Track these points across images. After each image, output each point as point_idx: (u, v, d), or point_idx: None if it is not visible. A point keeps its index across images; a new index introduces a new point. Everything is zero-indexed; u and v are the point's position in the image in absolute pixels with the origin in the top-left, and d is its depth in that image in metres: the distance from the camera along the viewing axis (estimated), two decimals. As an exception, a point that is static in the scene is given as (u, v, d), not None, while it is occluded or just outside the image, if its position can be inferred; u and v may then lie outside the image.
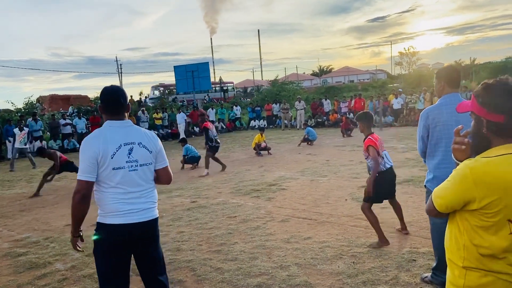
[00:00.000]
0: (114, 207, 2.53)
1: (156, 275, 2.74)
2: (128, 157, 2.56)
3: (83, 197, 2.48)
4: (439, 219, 1.78)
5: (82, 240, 2.68)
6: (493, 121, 1.61)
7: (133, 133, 2.64)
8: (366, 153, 4.53)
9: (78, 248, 2.68)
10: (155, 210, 2.72)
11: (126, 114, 2.71)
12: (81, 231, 2.64)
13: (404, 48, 65.37)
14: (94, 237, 2.62)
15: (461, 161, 1.69)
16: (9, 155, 15.31)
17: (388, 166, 4.63)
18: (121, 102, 2.65)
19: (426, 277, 3.58)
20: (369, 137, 4.54)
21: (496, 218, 1.59)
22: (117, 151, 2.52)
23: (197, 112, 20.94)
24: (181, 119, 20.60)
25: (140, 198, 2.60)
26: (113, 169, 2.51)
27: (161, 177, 2.79)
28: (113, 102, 2.65)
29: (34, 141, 17.19)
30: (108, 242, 2.56)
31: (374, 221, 4.49)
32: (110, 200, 2.54)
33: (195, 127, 22.01)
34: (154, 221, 2.70)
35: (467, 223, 1.66)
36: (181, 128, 20.45)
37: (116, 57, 65.90)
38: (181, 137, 17.17)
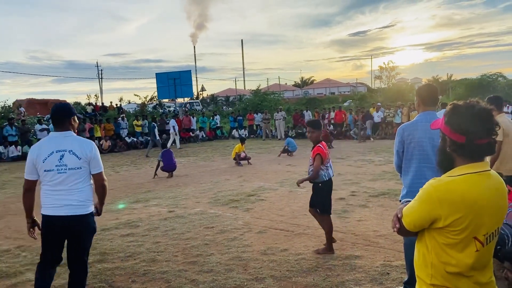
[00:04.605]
0: (45, 200, 3.25)
1: (74, 261, 3.35)
2: (59, 161, 3.17)
3: (26, 191, 3.30)
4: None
5: (39, 229, 3.32)
6: (455, 140, 1.68)
7: (68, 142, 3.23)
8: (312, 160, 4.60)
9: (30, 234, 3.38)
10: (83, 208, 3.24)
11: (73, 125, 3.33)
12: (35, 220, 3.36)
13: (384, 63, 66.43)
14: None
15: None
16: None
17: (331, 176, 4.73)
18: (62, 117, 3.28)
19: (399, 290, 3.63)
20: (318, 144, 4.61)
21: (462, 236, 1.65)
22: (48, 156, 3.17)
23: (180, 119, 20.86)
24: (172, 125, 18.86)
25: (66, 196, 3.19)
26: (45, 171, 3.19)
27: (95, 181, 3.36)
28: (56, 118, 3.30)
29: (9, 146, 16.85)
30: (45, 227, 3.28)
31: (328, 228, 4.69)
32: (43, 194, 3.26)
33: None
34: (80, 217, 3.23)
35: (435, 241, 1.71)
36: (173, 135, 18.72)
37: (97, 62, 64.83)
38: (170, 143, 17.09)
